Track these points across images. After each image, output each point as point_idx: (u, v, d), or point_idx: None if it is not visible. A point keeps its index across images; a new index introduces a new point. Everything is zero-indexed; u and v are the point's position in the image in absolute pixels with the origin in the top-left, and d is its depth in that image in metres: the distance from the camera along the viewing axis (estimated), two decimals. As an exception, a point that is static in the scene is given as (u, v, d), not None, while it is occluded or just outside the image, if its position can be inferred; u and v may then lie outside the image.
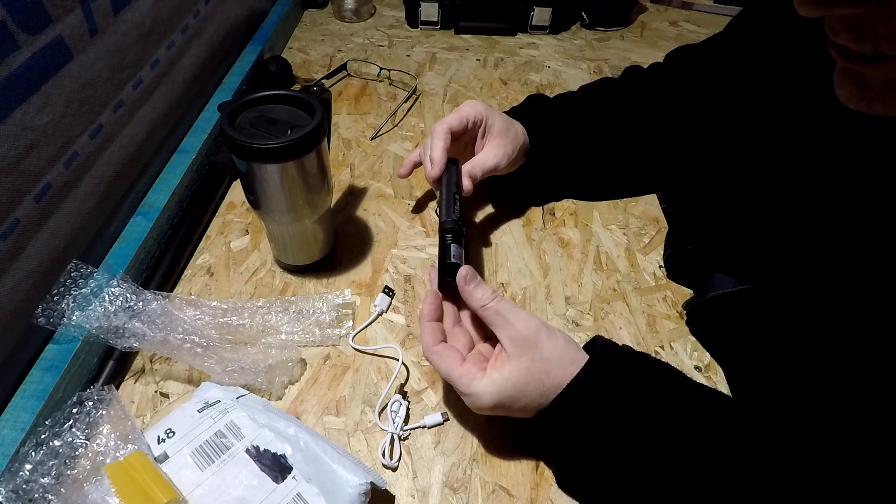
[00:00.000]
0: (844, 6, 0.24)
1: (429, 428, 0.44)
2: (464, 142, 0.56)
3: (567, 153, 0.59)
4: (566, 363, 0.38)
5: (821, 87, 0.30)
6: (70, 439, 0.39)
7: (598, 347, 0.40)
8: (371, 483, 0.36)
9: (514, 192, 0.62)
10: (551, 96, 0.63)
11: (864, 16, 0.24)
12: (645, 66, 0.64)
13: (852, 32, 0.25)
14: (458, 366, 0.39)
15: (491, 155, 0.54)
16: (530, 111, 0.60)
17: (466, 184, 0.52)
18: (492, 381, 0.38)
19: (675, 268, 0.56)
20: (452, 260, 0.45)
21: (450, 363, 0.39)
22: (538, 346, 0.38)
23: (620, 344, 0.41)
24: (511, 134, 0.55)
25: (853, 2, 0.24)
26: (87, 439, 0.39)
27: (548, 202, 0.63)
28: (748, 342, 0.47)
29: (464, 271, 0.42)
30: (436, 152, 0.52)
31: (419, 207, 0.63)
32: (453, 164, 0.53)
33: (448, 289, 0.44)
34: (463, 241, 0.47)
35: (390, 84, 0.82)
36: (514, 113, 0.59)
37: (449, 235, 0.47)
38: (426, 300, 0.43)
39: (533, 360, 0.38)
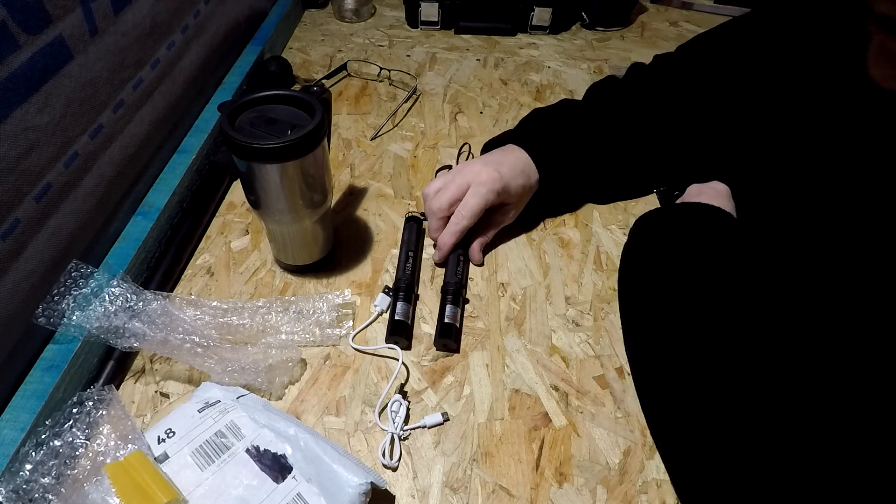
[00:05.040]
0: None
1: (429, 428, 0.44)
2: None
3: (581, 172, 0.59)
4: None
5: (848, 72, 0.30)
6: (70, 439, 0.39)
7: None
8: (371, 483, 0.36)
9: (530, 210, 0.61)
10: (553, 111, 0.61)
11: None
12: (647, 63, 0.63)
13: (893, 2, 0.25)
14: None
15: (501, 218, 0.57)
16: (537, 138, 0.58)
17: (478, 257, 0.56)
18: None
19: None
20: (398, 318, 0.49)
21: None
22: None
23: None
24: (524, 192, 0.56)
25: None
26: (88, 439, 0.39)
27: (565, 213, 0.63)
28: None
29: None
30: (446, 242, 0.55)
31: (420, 207, 0.63)
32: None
33: (393, 342, 0.49)
34: (413, 297, 0.52)
35: (390, 84, 0.82)
36: (517, 136, 0.58)
37: (402, 293, 0.51)
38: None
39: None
